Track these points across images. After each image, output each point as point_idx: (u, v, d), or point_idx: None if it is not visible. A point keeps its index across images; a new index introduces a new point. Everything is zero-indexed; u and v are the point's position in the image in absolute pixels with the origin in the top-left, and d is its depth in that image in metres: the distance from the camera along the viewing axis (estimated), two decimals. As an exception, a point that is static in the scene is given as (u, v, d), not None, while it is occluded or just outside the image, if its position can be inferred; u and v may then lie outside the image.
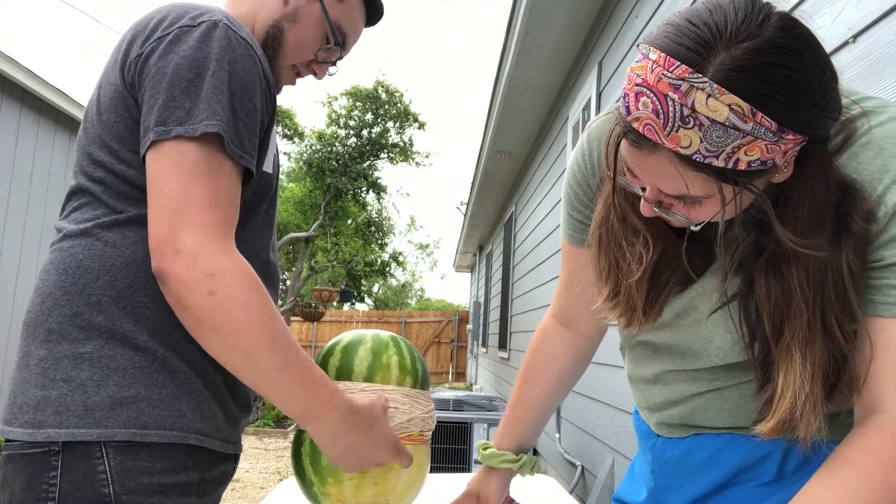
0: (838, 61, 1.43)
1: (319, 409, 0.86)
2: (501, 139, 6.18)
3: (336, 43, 1.05)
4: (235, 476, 5.06)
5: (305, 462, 0.99)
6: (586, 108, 3.96)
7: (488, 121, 6.11)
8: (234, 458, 0.98)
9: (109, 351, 0.82)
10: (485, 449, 1.12)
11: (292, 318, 9.86)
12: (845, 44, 1.42)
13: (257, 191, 0.94)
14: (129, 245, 0.85)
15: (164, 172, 0.80)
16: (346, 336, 1.05)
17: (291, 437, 5.98)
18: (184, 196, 0.79)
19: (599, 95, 3.71)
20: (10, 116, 5.55)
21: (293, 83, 1.08)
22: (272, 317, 0.82)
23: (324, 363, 1.01)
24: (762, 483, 0.86)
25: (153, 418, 0.81)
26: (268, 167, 0.96)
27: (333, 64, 1.09)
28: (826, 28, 1.50)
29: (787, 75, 0.62)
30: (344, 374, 0.99)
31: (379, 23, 1.14)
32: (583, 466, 3.56)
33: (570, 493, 3.42)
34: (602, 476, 3.01)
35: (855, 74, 1.38)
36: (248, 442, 6.57)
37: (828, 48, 1.45)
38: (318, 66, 1.07)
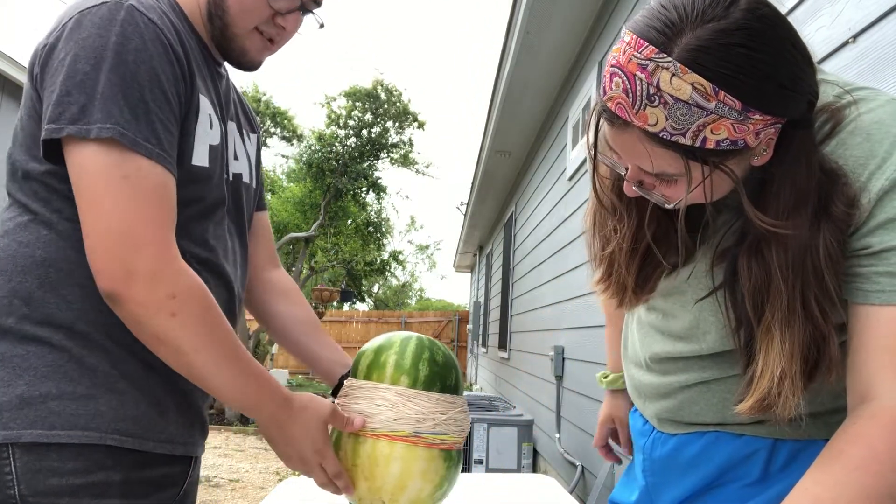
0: (838, 61, 1.43)
1: (261, 402, 0.89)
2: (501, 139, 6.18)
3: None
4: (235, 476, 5.05)
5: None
6: (586, 108, 3.96)
7: (488, 121, 6.11)
8: (188, 461, 0.95)
9: (21, 350, 0.80)
10: (605, 377, 1.20)
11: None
12: (845, 44, 1.42)
13: (192, 190, 0.89)
14: (41, 245, 0.82)
15: (90, 186, 0.76)
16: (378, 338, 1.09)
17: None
18: (120, 212, 0.76)
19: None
20: (10, 116, 5.56)
21: (265, 47, 0.98)
22: (226, 330, 0.84)
23: (356, 363, 1.06)
24: (749, 483, 0.87)
25: (63, 418, 0.79)
26: (200, 160, 0.89)
27: (304, 10, 0.98)
28: (826, 28, 1.50)
29: (750, 56, 0.64)
30: (352, 372, 1.05)
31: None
32: (583, 466, 3.56)
33: (570, 493, 3.42)
34: (602, 476, 3.01)
35: (855, 74, 1.38)
36: (248, 442, 6.57)
37: (828, 48, 1.46)
38: (282, 18, 0.95)
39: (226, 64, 1.04)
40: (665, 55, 0.64)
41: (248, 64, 0.99)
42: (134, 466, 0.85)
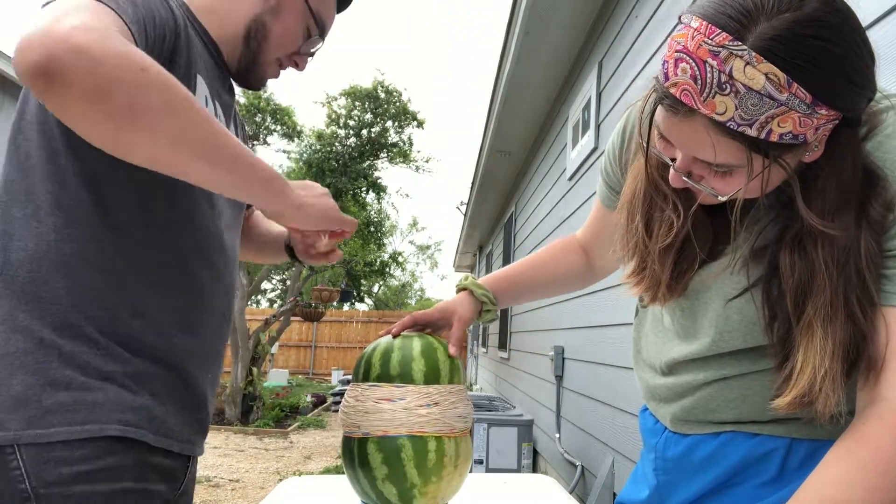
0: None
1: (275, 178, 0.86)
2: (501, 139, 6.18)
3: (319, 34, 1.05)
4: (235, 476, 5.05)
5: (408, 467, 1.00)
6: (586, 108, 3.96)
7: (488, 121, 6.11)
8: (187, 458, 0.95)
9: (12, 347, 0.78)
10: (466, 279, 1.16)
11: (292, 318, 9.87)
12: (845, 44, 1.42)
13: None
14: (32, 237, 0.83)
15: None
16: (383, 342, 1.07)
17: (291, 438, 5.88)
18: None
19: (599, 95, 3.71)
20: (11, 115, 5.56)
21: (277, 76, 1.08)
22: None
23: (367, 371, 1.04)
24: (764, 481, 0.86)
25: (59, 417, 0.77)
26: None
27: (313, 55, 1.09)
28: (826, 28, 1.50)
29: (825, 48, 0.63)
30: (407, 380, 1.01)
31: (348, 9, 1.14)
32: (583, 466, 3.56)
33: (570, 493, 3.42)
34: (602, 476, 3.01)
35: (855, 74, 1.38)
36: (248, 442, 6.57)
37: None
38: (299, 57, 1.06)
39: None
40: (739, 43, 0.63)
41: (256, 85, 1.06)
42: (142, 452, 0.84)
